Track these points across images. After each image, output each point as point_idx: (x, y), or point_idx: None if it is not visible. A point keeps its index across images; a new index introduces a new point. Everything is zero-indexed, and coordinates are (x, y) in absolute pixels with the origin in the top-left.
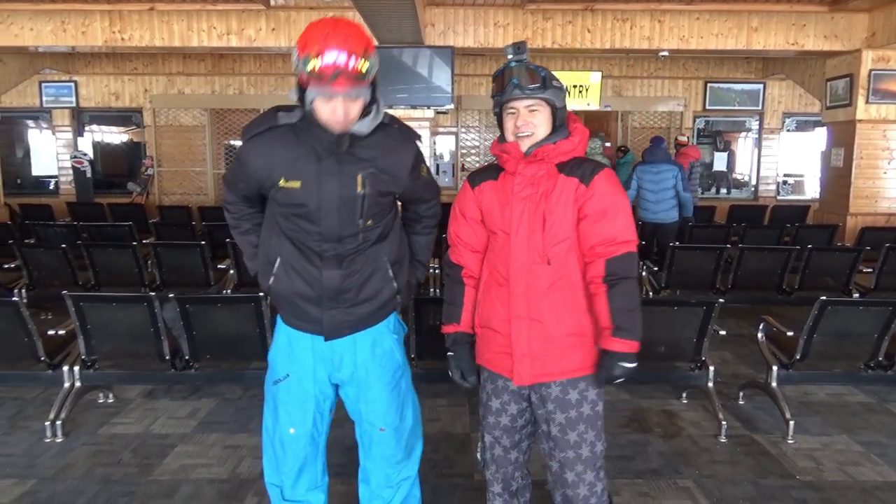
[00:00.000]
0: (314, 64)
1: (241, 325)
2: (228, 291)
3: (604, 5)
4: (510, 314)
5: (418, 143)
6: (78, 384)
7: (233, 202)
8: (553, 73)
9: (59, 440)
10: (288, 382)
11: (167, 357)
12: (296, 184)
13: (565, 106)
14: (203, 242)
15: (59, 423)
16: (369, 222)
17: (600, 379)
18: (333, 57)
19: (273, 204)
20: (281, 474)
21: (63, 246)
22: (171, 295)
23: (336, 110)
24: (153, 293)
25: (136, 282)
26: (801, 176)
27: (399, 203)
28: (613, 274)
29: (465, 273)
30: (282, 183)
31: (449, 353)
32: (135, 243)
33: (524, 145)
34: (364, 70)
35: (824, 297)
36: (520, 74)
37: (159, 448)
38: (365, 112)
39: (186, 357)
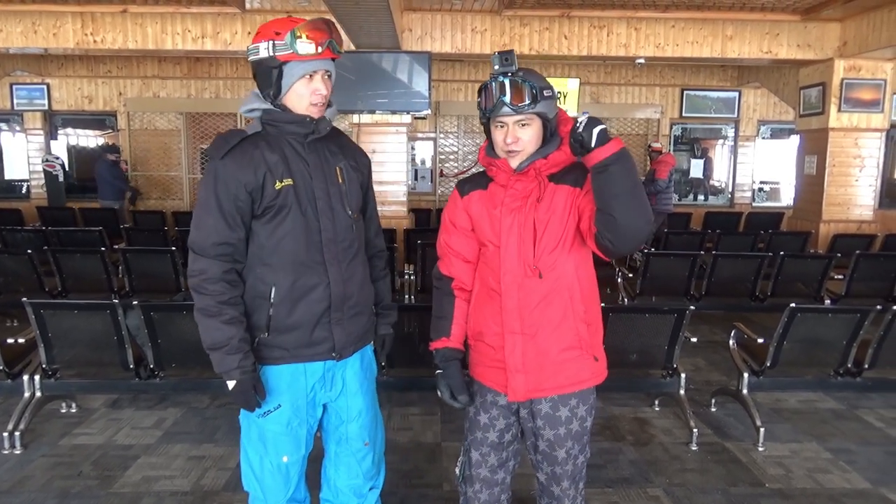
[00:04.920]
0: (303, 34)
1: None
2: None
3: (580, 12)
4: (503, 328)
5: None
6: (38, 394)
7: (214, 277)
8: (542, 78)
9: (18, 452)
10: (280, 413)
11: (131, 366)
12: (289, 181)
13: (557, 113)
14: (174, 248)
15: (17, 434)
16: (356, 215)
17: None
18: (320, 28)
19: (261, 228)
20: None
21: (29, 251)
22: (134, 302)
23: (319, 87)
24: (117, 300)
25: (105, 288)
26: (777, 183)
27: None
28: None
29: (456, 285)
30: (277, 185)
31: (437, 371)
32: (103, 249)
33: (514, 162)
34: (340, 44)
35: (794, 304)
36: (508, 90)
37: (121, 459)
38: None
39: (151, 366)
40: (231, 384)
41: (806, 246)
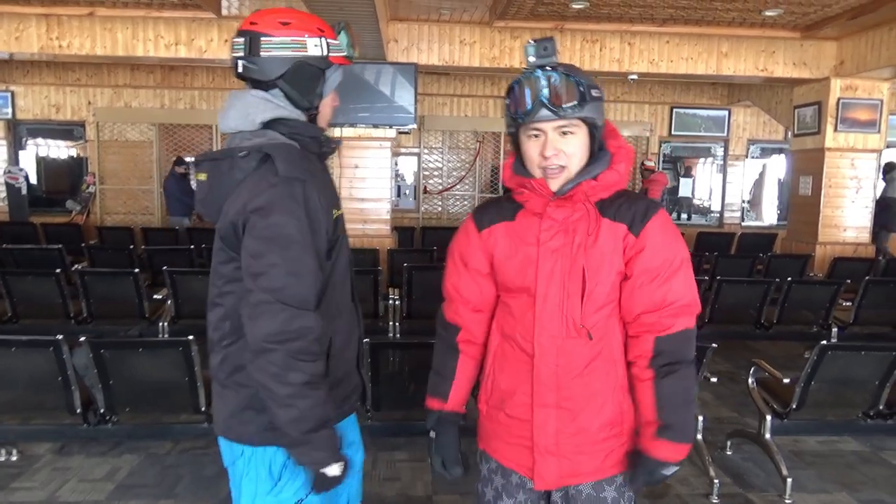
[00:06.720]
0: (349, 39)
1: (168, 372)
2: (165, 325)
3: (574, 25)
4: (533, 400)
5: None
6: None
7: (321, 336)
8: (587, 75)
9: None
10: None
11: (78, 410)
12: (339, 211)
13: (605, 121)
14: (137, 270)
15: None
16: None
17: (637, 484)
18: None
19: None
20: None
21: None
22: (82, 339)
23: (337, 99)
24: (61, 336)
25: (60, 313)
26: (757, 202)
27: None
28: (664, 356)
29: (463, 337)
30: (335, 213)
31: (430, 434)
32: (58, 270)
33: (555, 184)
34: None
35: (825, 342)
36: (546, 87)
37: None
38: None
39: (102, 410)
40: (338, 469)
41: (805, 269)
